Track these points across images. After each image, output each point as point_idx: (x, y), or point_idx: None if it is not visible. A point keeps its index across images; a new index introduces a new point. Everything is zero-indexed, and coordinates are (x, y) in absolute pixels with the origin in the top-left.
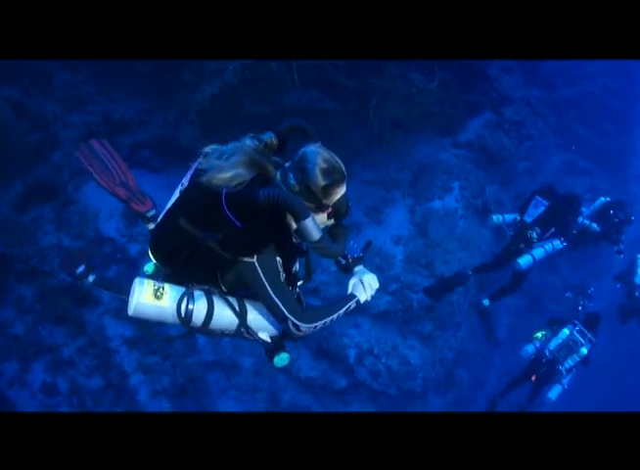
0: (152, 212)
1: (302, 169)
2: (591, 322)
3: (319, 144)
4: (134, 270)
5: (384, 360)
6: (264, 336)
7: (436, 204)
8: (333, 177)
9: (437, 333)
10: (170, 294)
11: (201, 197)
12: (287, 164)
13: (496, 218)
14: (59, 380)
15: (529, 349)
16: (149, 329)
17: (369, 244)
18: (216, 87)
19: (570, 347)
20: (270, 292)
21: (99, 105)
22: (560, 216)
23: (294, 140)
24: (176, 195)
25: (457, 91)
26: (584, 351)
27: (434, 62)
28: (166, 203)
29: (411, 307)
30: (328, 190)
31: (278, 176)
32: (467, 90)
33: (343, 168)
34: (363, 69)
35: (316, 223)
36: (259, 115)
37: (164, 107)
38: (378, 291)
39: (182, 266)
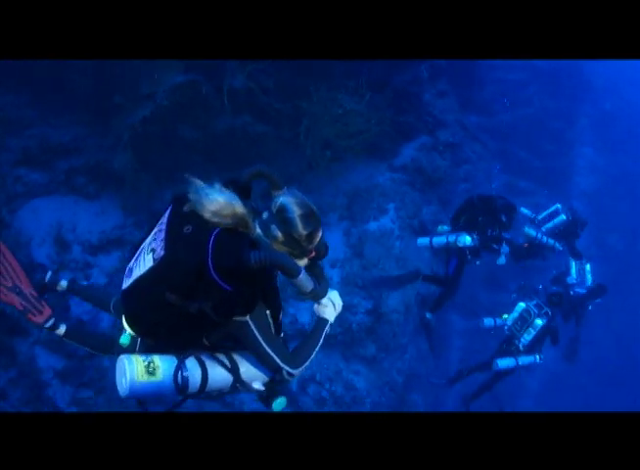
0: (50, 322)
1: (284, 221)
2: (554, 301)
3: (292, 191)
4: (63, 300)
5: (327, 386)
6: (257, 385)
7: (372, 225)
8: (313, 224)
9: (382, 355)
10: (162, 367)
11: (184, 265)
12: (264, 216)
13: (440, 228)
14: None
15: (487, 321)
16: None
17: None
18: (148, 110)
19: (523, 318)
20: (265, 346)
21: (37, 129)
22: (468, 212)
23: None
24: (148, 262)
25: (389, 113)
26: (539, 322)
27: (363, 84)
28: (128, 263)
29: (351, 330)
30: (311, 236)
31: (258, 229)
32: (400, 113)
33: (318, 212)
34: (293, 92)
35: (307, 276)
36: (192, 139)
37: (102, 132)
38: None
39: (167, 336)
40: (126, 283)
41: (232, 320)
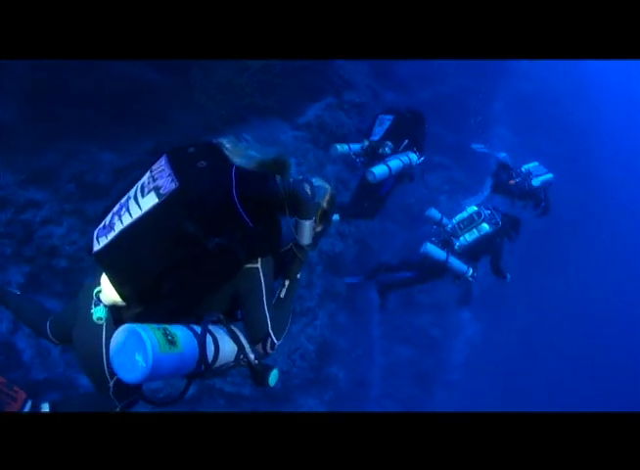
0: (28, 405)
1: (312, 188)
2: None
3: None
4: None
5: None
6: (252, 358)
7: None
8: (333, 206)
9: None
10: (179, 335)
11: (206, 191)
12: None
13: (340, 147)
14: None
15: (435, 212)
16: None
17: None
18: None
19: (471, 218)
20: (264, 303)
21: None
22: (409, 127)
23: None
24: (148, 202)
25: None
26: (485, 227)
27: None
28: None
29: None
30: (326, 215)
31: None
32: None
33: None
34: None
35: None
36: (82, 89)
37: None
38: None
39: (169, 293)
40: (107, 238)
41: (244, 268)
